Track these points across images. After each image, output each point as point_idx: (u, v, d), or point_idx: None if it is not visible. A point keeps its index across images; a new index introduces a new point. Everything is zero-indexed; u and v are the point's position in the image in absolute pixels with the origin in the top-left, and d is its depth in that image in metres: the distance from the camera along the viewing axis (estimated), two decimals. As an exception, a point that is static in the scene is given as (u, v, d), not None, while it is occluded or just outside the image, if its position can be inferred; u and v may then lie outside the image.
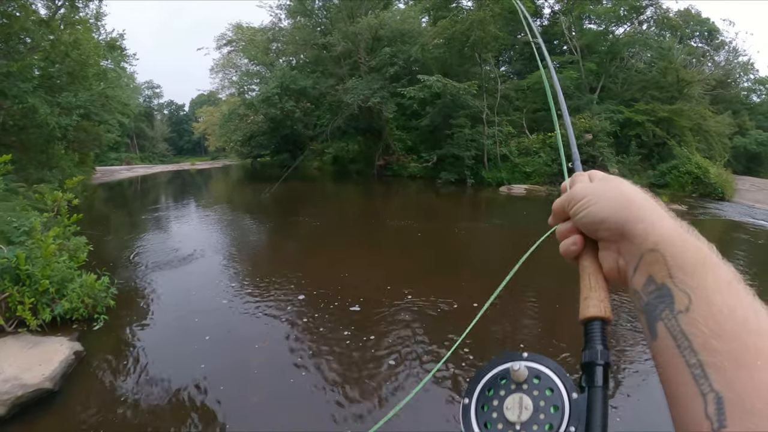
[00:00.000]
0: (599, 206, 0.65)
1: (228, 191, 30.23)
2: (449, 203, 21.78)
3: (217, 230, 14.33)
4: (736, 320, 0.45)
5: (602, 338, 0.60)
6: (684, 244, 0.54)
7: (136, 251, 11.30)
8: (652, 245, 0.56)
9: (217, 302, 7.83)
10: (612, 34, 31.65)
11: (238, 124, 41.12)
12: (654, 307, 0.52)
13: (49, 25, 18.65)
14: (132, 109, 35.27)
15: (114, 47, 25.80)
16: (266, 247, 12.74)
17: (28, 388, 4.68)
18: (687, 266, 0.51)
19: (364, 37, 30.63)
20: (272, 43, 40.91)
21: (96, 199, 23.11)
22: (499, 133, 27.92)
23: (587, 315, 0.63)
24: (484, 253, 12.14)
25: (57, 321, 6.26)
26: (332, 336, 6.39)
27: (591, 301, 0.64)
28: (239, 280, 9.22)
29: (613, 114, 27.29)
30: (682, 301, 0.49)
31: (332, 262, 10.12)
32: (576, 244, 0.70)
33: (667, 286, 0.51)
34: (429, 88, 25.80)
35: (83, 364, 5.52)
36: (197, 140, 78.94)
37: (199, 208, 20.32)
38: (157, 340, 6.29)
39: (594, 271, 0.67)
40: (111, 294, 7.10)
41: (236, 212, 19.01)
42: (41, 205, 9.50)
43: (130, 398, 4.88)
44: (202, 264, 10.21)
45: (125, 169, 44.27)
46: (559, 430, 0.51)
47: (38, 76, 17.78)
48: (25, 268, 6.29)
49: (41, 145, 19.30)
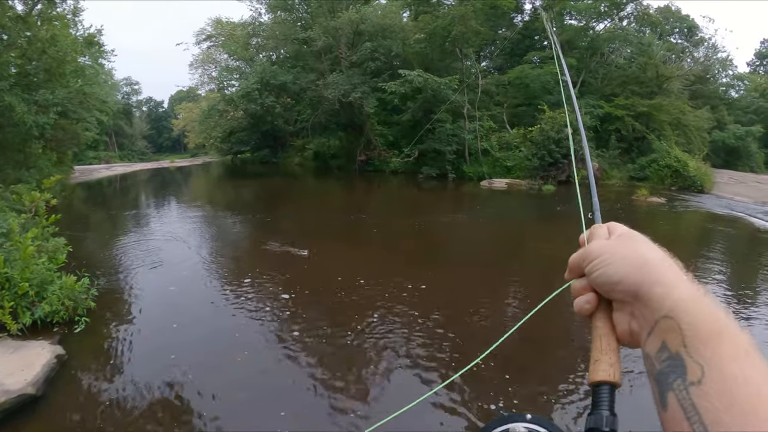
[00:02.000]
0: (614, 267, 0.62)
1: (208, 188, 30.02)
2: (431, 197, 21.85)
3: (198, 228, 14.17)
4: (750, 394, 0.43)
5: (610, 404, 0.59)
6: (700, 312, 0.51)
7: (116, 251, 11.13)
8: (667, 311, 0.53)
9: (198, 299, 7.80)
10: (593, 29, 31.81)
11: (218, 120, 40.83)
12: (666, 376, 0.50)
13: (26, 21, 18.21)
14: (110, 107, 34.78)
15: (92, 43, 25.28)
16: (247, 243, 12.65)
17: (11, 394, 4.58)
18: (702, 335, 0.49)
19: (345, 32, 30.45)
20: (252, 38, 40.65)
21: (75, 198, 22.75)
22: (480, 128, 27.99)
23: (596, 379, 0.61)
24: (466, 245, 12.13)
25: (38, 324, 6.11)
26: (315, 331, 6.38)
27: (601, 364, 0.62)
28: (221, 277, 9.18)
29: (594, 109, 27.49)
30: (695, 372, 0.47)
31: (315, 256, 10.01)
32: (589, 303, 0.67)
33: (680, 355, 0.50)
34: (410, 82, 25.75)
35: (66, 367, 5.42)
36: (177, 137, 78.23)
37: (179, 206, 20.13)
38: (139, 341, 6.19)
39: (606, 333, 0.65)
40: (91, 295, 6.97)
41: (216, 209, 18.89)
42: (19, 206, 9.31)
43: (114, 400, 4.80)
44: (183, 262, 10.09)
45: (104, 168, 43.63)
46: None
47: (15, 73, 17.41)
48: (3, 271, 6.12)
49: (18, 144, 18.86)
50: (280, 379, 5.32)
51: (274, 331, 6.48)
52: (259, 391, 5.05)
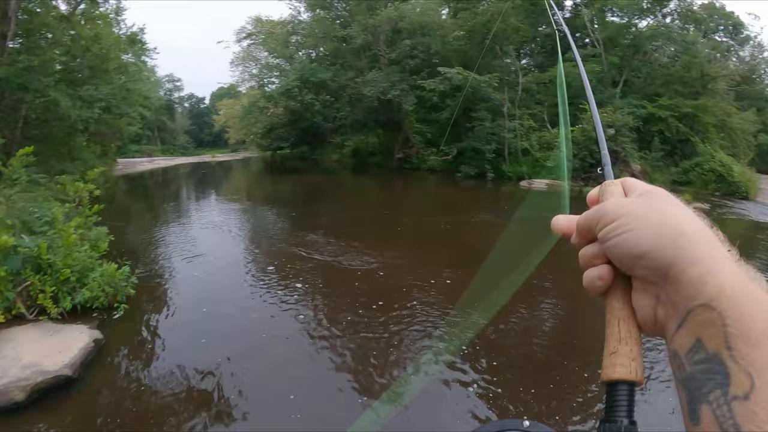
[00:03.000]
0: (638, 234, 0.48)
1: (247, 183, 30.43)
2: (468, 196, 21.66)
3: (236, 221, 14.42)
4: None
5: (628, 408, 0.46)
6: (751, 303, 0.39)
7: (156, 241, 11.45)
8: (706, 299, 0.41)
9: (233, 290, 8.00)
10: (635, 27, 30.99)
11: (259, 117, 41.22)
12: (700, 384, 0.39)
13: (69, 21, 18.81)
14: (153, 102, 35.51)
15: (134, 41, 25.94)
16: (283, 236, 12.81)
17: (47, 374, 4.74)
18: (753, 335, 0.37)
19: (383, 30, 30.48)
20: (291, 36, 40.93)
21: (117, 190, 23.32)
22: (520, 127, 27.66)
23: (613, 376, 0.48)
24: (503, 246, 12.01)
25: (77, 309, 6.34)
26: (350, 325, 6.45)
27: (618, 357, 0.49)
28: (255, 268, 9.37)
29: (636, 109, 26.78)
30: (742, 383, 0.36)
31: (351, 253, 10.09)
32: (602, 279, 0.53)
33: (722, 358, 0.38)
34: (449, 80, 25.63)
35: (103, 351, 5.59)
36: (218, 132, 79.10)
37: (218, 200, 20.51)
38: (177, 329, 6.37)
39: (625, 317, 0.51)
40: (131, 283, 7.17)
41: (255, 203, 19.17)
42: (63, 196, 9.59)
43: (148, 386, 4.93)
44: (220, 253, 10.34)
45: (146, 161, 44.52)
46: None
47: (60, 70, 17.92)
48: (46, 257, 6.36)
49: (63, 137, 19.47)
50: (307, 366, 5.46)
51: (304, 321, 6.65)
52: (286, 377, 5.21)
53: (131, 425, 4.29)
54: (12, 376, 4.61)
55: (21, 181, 8.46)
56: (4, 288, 5.79)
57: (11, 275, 5.98)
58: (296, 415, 4.51)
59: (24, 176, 8.61)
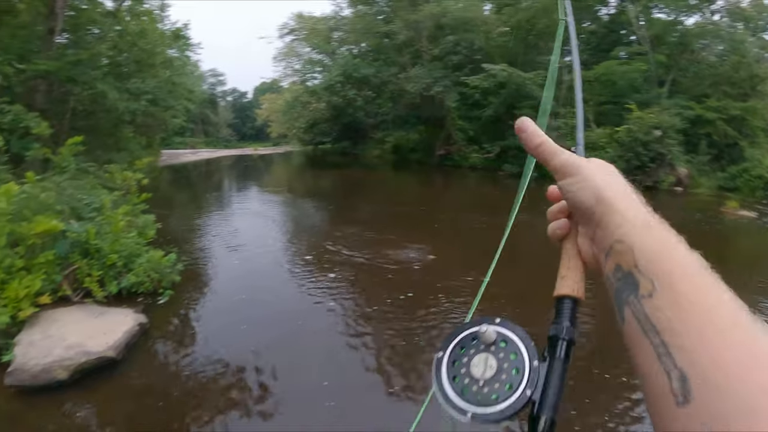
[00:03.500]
0: (584, 190, 0.65)
1: (288, 176, 30.76)
2: (510, 196, 21.21)
3: (277, 212, 14.60)
4: (699, 303, 0.47)
5: (571, 316, 0.64)
6: (650, 235, 0.56)
7: (200, 230, 11.71)
8: (620, 236, 0.58)
9: (276, 280, 8.08)
10: (682, 24, 29.97)
11: (301, 112, 41.62)
12: (621, 293, 0.54)
13: (115, 16, 19.38)
14: (197, 96, 36.23)
15: (179, 37, 26.52)
16: (323, 229, 12.89)
17: (91, 355, 4.84)
18: (652, 255, 0.53)
19: (426, 26, 30.30)
20: (334, 32, 41.16)
21: (162, 180, 23.80)
22: (565, 126, 27.12)
23: (561, 293, 0.66)
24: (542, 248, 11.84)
25: (122, 294, 6.49)
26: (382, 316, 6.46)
27: (566, 281, 0.67)
28: (297, 259, 9.46)
29: (683, 110, 25.69)
30: (647, 286, 0.51)
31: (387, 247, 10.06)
32: (561, 229, 0.72)
33: (633, 273, 0.53)
34: (494, 77, 25.34)
35: (146, 335, 5.69)
36: (260, 126, 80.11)
37: (260, 191, 20.81)
38: (218, 315, 6.45)
39: (574, 254, 0.69)
40: (177, 270, 7.29)
41: (295, 196, 19.35)
42: (111, 184, 9.82)
43: (190, 370, 4.99)
44: (261, 243, 10.49)
45: (190, 153, 45.37)
46: (516, 390, 0.54)
47: (107, 64, 18.48)
48: (94, 242, 6.51)
49: (110, 128, 20.11)
50: (340, 355, 5.48)
51: (338, 311, 6.70)
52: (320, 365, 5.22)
53: (171, 407, 4.36)
54: (56, 355, 4.71)
55: (70, 169, 8.69)
56: (51, 270, 5.94)
57: (59, 259, 6.14)
58: (330, 402, 4.53)
59: (73, 164, 8.84)
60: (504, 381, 0.56)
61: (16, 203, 6.34)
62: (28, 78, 14.80)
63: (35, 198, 6.80)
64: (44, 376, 4.51)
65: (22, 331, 5.19)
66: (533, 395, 0.54)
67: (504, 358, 0.58)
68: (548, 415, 0.54)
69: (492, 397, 0.55)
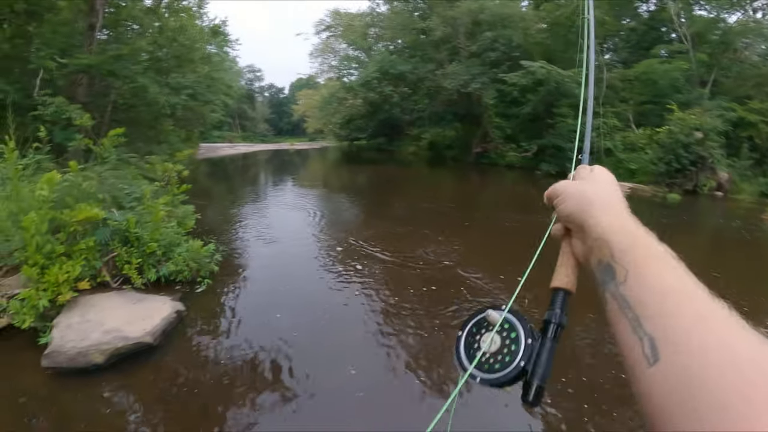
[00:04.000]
0: (567, 205, 0.81)
1: (324, 171, 30.90)
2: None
3: (312, 206, 14.64)
4: (664, 283, 0.57)
5: (562, 305, 0.77)
6: (622, 232, 0.69)
7: (236, 222, 11.86)
8: (599, 235, 0.71)
9: (309, 271, 8.16)
10: (723, 21, 28.85)
11: (338, 107, 41.85)
12: (602, 281, 0.65)
13: (155, 13, 19.81)
14: (235, 91, 36.78)
15: (217, 33, 26.94)
16: (357, 224, 12.88)
17: (128, 340, 4.91)
18: (624, 247, 0.65)
19: (463, 22, 30.06)
20: (370, 28, 41.25)
21: (200, 173, 24.19)
22: (604, 126, 26.53)
23: (555, 284, 0.80)
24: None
25: (161, 281, 6.59)
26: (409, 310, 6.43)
27: (559, 275, 0.80)
28: (330, 252, 9.49)
29: (725, 111, 24.53)
30: (621, 273, 0.62)
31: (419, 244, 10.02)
32: (559, 231, 0.86)
33: (611, 264, 0.65)
34: (532, 74, 25.00)
35: (184, 323, 5.76)
36: (296, 122, 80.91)
37: (296, 186, 20.99)
38: (257, 307, 6.50)
39: (567, 252, 0.82)
40: (215, 260, 7.41)
41: (331, 191, 19.45)
42: (152, 175, 10.01)
43: (226, 359, 5.02)
44: (296, 236, 10.63)
45: (227, 147, 46.05)
46: (514, 361, 0.69)
47: (147, 59, 18.85)
48: (134, 231, 6.64)
49: (150, 121, 20.62)
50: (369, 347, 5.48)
51: (367, 303, 6.74)
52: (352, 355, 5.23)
53: (206, 394, 4.39)
54: (94, 339, 4.80)
55: (111, 159, 8.86)
56: (91, 257, 6.06)
57: (99, 246, 6.26)
58: (359, 393, 4.53)
59: (114, 155, 9.02)
60: (505, 354, 0.71)
61: (59, 191, 6.48)
62: (70, 72, 15.19)
63: (77, 186, 6.95)
64: (81, 359, 4.58)
65: (60, 314, 5.30)
66: (527, 366, 0.68)
67: (506, 337, 0.73)
68: (538, 382, 0.68)
69: (495, 366, 0.70)
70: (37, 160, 8.37)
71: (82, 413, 4.11)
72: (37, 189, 6.13)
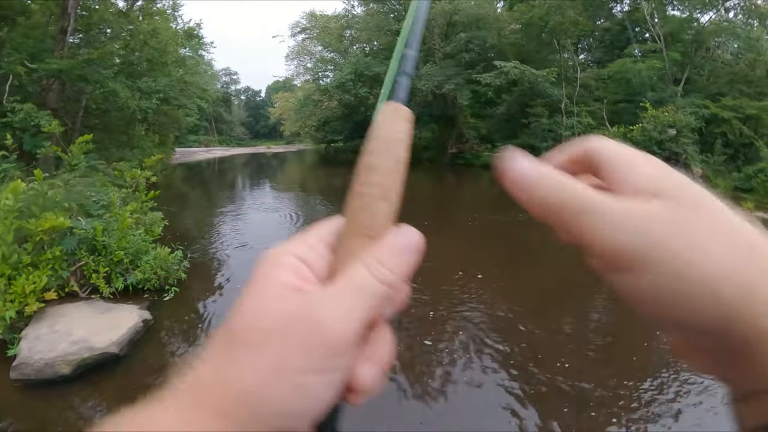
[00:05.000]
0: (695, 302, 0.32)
1: (301, 174, 30.89)
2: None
3: (289, 210, 14.61)
4: None
5: None
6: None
7: (209, 228, 11.78)
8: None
9: None
10: (696, 21, 29.44)
11: (313, 110, 41.72)
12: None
13: (127, 16, 19.61)
14: (210, 95, 36.52)
15: (191, 36, 26.77)
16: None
17: (95, 350, 4.88)
18: None
19: (438, 23, 30.23)
20: (346, 30, 41.25)
21: (174, 178, 24.05)
22: (578, 124, 26.84)
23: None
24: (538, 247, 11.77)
25: (129, 290, 6.56)
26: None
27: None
28: None
29: (699, 109, 25.19)
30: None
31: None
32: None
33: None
34: (506, 74, 25.16)
35: (151, 331, 5.73)
36: (273, 125, 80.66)
37: (273, 189, 20.93)
38: (225, 313, 6.38)
39: None
40: (183, 267, 7.35)
41: (307, 194, 19.43)
42: (120, 182, 9.91)
43: (191, 367, 4.99)
44: (271, 241, 10.41)
45: (203, 151, 45.87)
46: None
47: (119, 63, 18.68)
48: (101, 239, 6.59)
49: (122, 126, 20.41)
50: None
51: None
52: None
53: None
54: (60, 350, 4.75)
55: (80, 167, 8.76)
56: (58, 267, 6.00)
57: (66, 255, 6.20)
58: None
59: (83, 162, 8.92)
60: None
61: (24, 200, 6.40)
62: (41, 77, 14.97)
63: (43, 195, 6.86)
64: (48, 370, 4.55)
65: (28, 325, 5.25)
66: None
67: None
68: None
69: None
70: (3, 168, 8.24)
71: (50, 425, 4.07)
72: (2, 198, 6.04)
